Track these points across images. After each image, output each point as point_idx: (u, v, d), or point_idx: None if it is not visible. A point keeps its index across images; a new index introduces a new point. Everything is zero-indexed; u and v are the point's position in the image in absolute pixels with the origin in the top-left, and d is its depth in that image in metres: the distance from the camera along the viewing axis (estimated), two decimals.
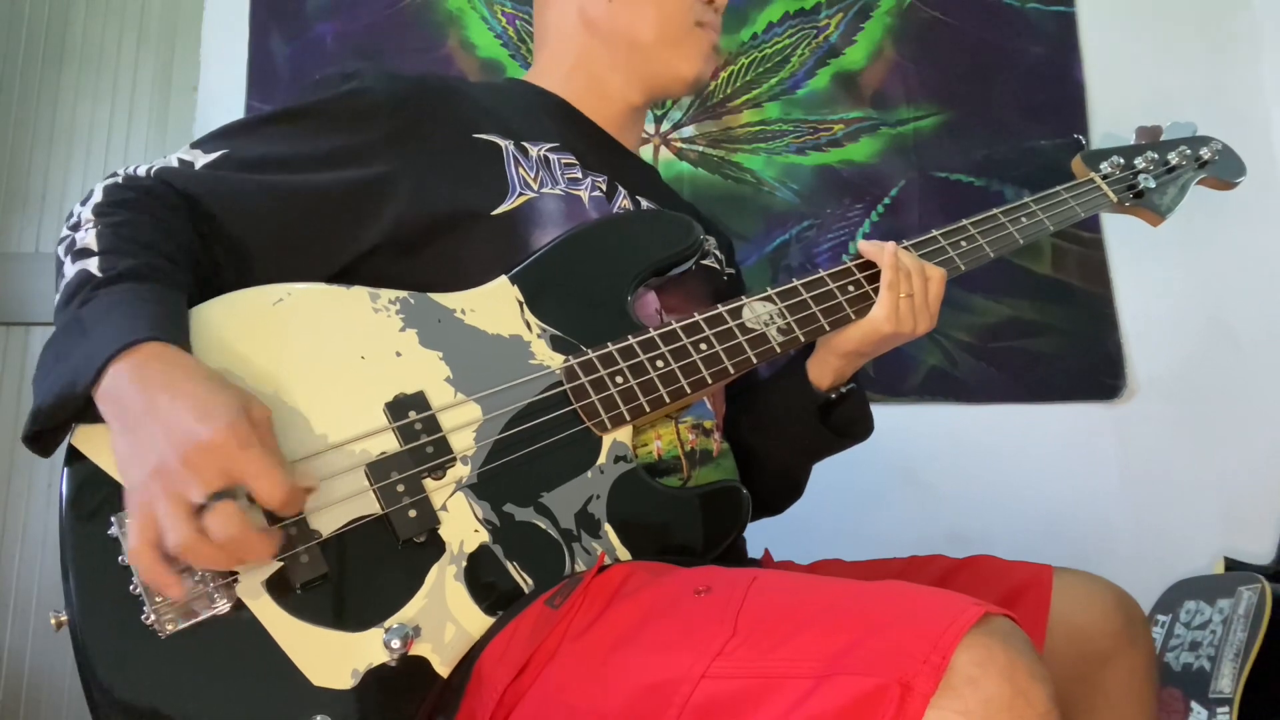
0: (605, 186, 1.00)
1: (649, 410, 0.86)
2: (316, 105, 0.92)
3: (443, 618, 0.75)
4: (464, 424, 0.81)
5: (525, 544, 0.80)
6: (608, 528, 0.83)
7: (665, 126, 1.91)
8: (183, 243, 0.82)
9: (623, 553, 0.83)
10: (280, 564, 0.72)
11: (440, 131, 0.93)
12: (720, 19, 1.13)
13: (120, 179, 0.85)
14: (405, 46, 1.89)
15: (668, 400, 0.87)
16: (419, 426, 0.80)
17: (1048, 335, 1.87)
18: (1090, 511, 1.80)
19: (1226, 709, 1.50)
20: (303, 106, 0.92)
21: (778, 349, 0.93)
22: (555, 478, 0.83)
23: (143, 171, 0.86)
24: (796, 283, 0.96)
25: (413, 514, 0.77)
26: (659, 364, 0.88)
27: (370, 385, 0.80)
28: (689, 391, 0.88)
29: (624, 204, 1.01)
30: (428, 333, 0.84)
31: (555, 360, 0.86)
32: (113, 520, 0.72)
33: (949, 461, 1.81)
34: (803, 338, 0.94)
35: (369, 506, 0.76)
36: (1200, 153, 1.25)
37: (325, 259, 0.88)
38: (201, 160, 0.87)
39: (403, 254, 0.90)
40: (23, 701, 1.67)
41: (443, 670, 0.74)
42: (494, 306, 0.87)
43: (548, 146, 0.99)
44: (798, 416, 1.02)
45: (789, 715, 0.59)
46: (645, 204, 1.04)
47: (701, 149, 1.91)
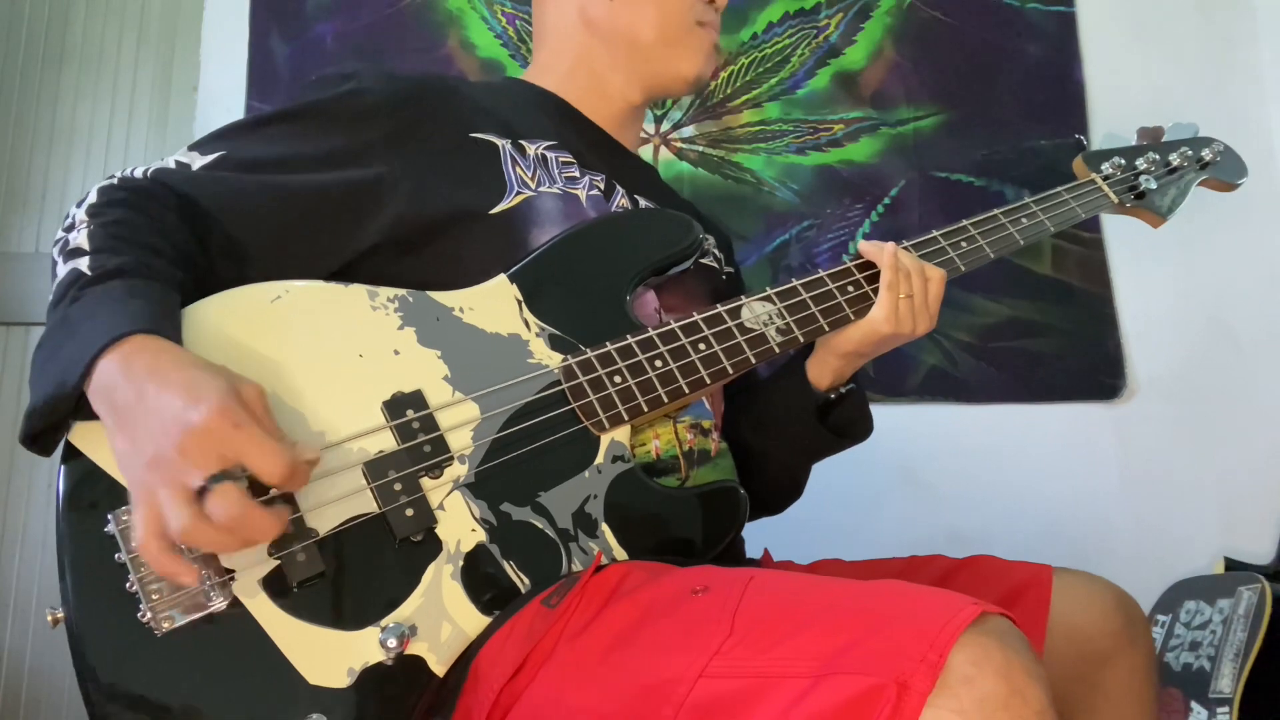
0: (603, 185, 1.00)
1: (647, 410, 0.86)
2: (315, 106, 0.92)
3: (439, 617, 0.75)
4: (462, 423, 0.81)
5: (522, 543, 0.79)
6: (605, 527, 0.83)
7: (665, 126, 1.91)
8: (177, 241, 0.81)
9: (620, 552, 0.82)
10: (277, 562, 0.72)
11: (439, 132, 0.93)
12: (720, 18, 1.13)
13: (115, 181, 0.84)
14: (405, 46, 1.89)
15: (666, 400, 0.87)
16: (416, 425, 0.79)
17: (1048, 335, 1.87)
18: (1090, 511, 1.80)
19: (1226, 709, 1.50)
20: (302, 107, 0.92)
21: (776, 349, 0.93)
22: (553, 477, 0.82)
23: (139, 173, 0.86)
24: (796, 283, 0.96)
25: (410, 513, 0.76)
26: (657, 364, 0.87)
27: (368, 383, 0.80)
28: (687, 392, 0.87)
29: (622, 203, 1.01)
30: (426, 331, 0.84)
31: (553, 359, 0.86)
32: (109, 517, 0.71)
33: (949, 461, 1.81)
34: (802, 338, 0.94)
35: (366, 505, 0.76)
36: (1202, 154, 1.24)
37: (324, 259, 0.88)
38: (199, 162, 0.87)
39: (402, 253, 0.90)
40: (23, 701, 1.67)
41: (439, 669, 0.74)
42: (492, 305, 0.87)
43: (545, 145, 0.98)
44: (797, 416, 1.02)
45: (786, 714, 0.59)
46: (643, 203, 1.04)
47: (701, 149, 1.90)
